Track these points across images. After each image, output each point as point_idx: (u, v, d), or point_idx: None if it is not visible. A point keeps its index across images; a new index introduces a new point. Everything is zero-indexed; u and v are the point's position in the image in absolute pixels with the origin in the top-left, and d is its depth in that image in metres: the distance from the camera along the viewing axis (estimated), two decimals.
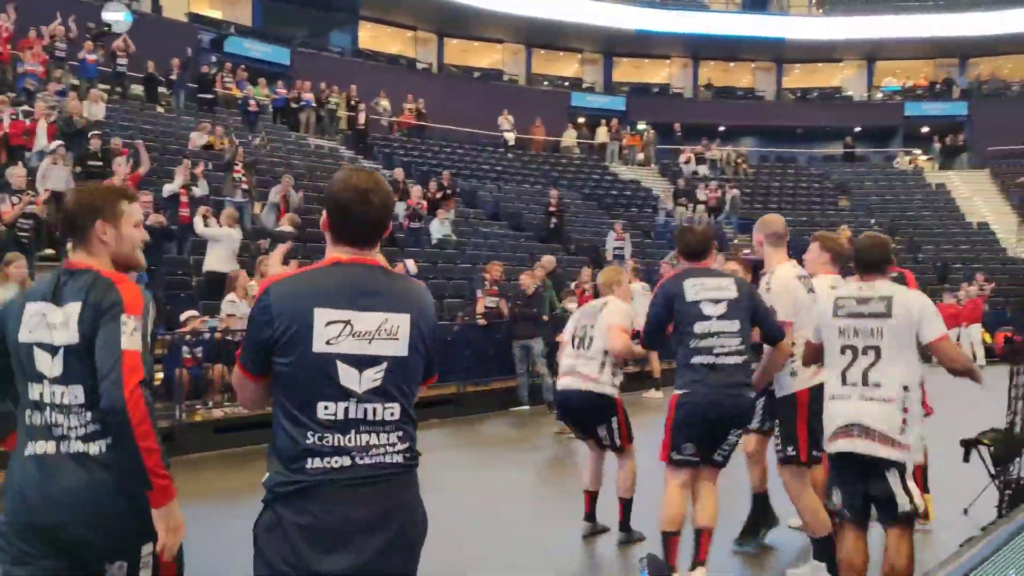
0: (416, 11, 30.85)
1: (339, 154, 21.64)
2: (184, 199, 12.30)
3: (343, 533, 2.24)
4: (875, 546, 4.05)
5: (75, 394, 2.52)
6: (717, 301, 4.48)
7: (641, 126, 31.33)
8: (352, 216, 2.35)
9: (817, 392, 4.36)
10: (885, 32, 32.23)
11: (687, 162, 28.27)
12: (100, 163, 12.25)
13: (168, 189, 12.53)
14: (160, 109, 19.41)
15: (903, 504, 3.76)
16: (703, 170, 28.13)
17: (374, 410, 2.30)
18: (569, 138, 29.17)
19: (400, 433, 2.34)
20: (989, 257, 23.60)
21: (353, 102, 23.51)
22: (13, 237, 8.71)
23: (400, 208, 16.71)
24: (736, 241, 23.94)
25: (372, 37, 31.62)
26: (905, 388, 3.88)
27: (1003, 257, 23.50)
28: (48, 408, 2.53)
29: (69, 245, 3.00)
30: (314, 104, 22.88)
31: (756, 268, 5.27)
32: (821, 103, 34.37)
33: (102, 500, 2.51)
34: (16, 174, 10.01)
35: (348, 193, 2.35)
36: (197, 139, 16.21)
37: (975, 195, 27.84)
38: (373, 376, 2.29)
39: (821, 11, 34.62)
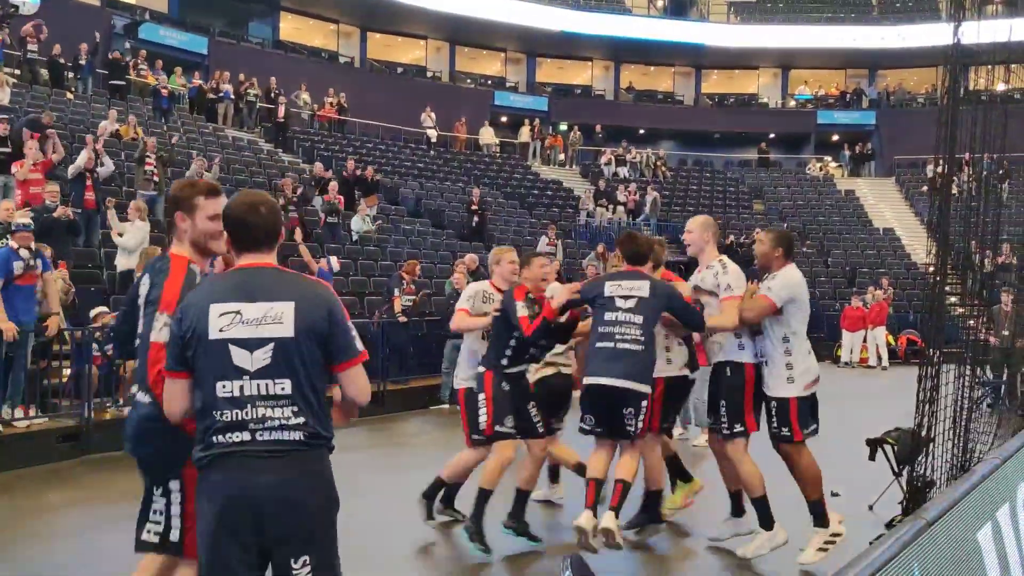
0: (339, 4, 30.47)
1: (258, 147, 21.25)
2: (89, 182, 11.90)
3: (248, 497, 2.61)
4: None
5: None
6: (627, 297, 5.10)
7: (563, 127, 31.57)
8: (245, 225, 2.78)
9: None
10: (799, 42, 33.20)
11: (608, 163, 28.61)
12: (8, 149, 11.76)
13: (73, 169, 12.11)
14: (69, 95, 18.74)
15: None
16: (623, 172, 28.52)
17: (267, 386, 2.65)
18: (488, 136, 29.18)
19: (295, 408, 2.66)
20: (894, 262, 24.49)
21: (273, 94, 23.07)
22: None
23: (317, 203, 16.50)
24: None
25: (294, 29, 31.10)
26: None
27: (907, 262, 24.41)
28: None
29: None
30: (232, 96, 22.39)
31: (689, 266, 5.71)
32: (738, 109, 35.18)
33: None
34: None
35: (240, 208, 2.80)
36: (107, 127, 15.70)
37: (881, 202, 28.87)
38: (263, 356, 2.65)
39: (739, 19, 35.47)
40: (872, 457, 6.32)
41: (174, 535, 3.12)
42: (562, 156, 29.91)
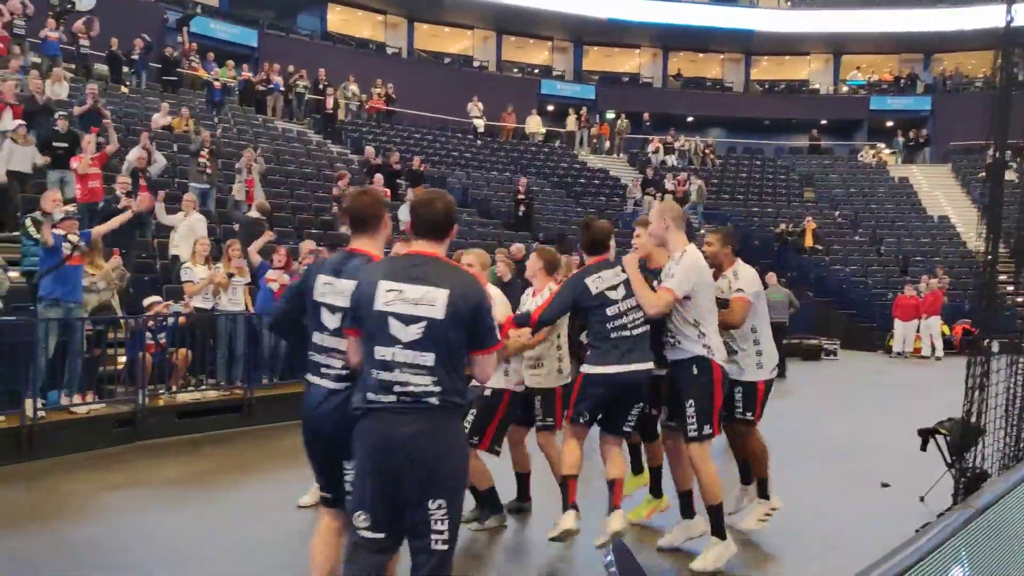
0: None
1: (307, 138, 21.47)
2: (143, 181, 12.12)
3: (390, 444, 3.08)
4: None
5: (341, 342, 3.46)
6: (615, 287, 4.95)
7: (610, 115, 31.39)
8: (421, 216, 3.30)
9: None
10: (851, 26, 32.59)
11: (655, 152, 28.39)
12: (66, 144, 12.01)
13: (126, 168, 12.34)
14: (124, 89, 19.10)
15: None
16: (671, 160, 28.28)
17: (413, 356, 3.10)
18: (534, 125, 29.11)
19: (435, 378, 3.10)
20: (949, 251, 23.96)
21: (321, 86, 23.28)
22: None
23: None
24: (702, 232, 24.14)
25: (341, 20, 31.32)
26: None
27: (963, 251, 23.85)
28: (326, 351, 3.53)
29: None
30: (282, 88, 22.64)
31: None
32: (788, 95, 34.63)
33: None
34: None
35: (420, 201, 3.34)
36: (159, 120, 15.98)
37: (936, 189, 28.23)
38: (415, 331, 3.11)
39: (789, 4, 34.90)
40: (924, 448, 6.23)
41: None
42: (609, 144, 29.76)
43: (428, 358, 3.11)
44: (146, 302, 9.14)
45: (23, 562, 4.93)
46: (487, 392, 5.35)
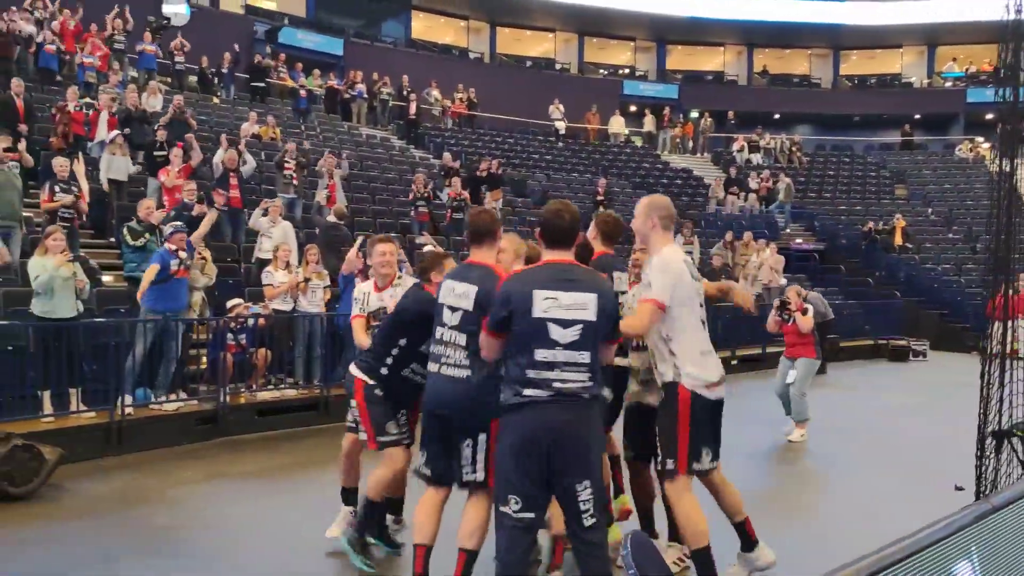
0: (468, 0, 30.98)
1: (390, 143, 21.90)
2: (233, 180, 12.57)
3: (544, 433, 3.49)
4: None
5: (463, 337, 3.97)
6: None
7: (694, 114, 31.08)
8: (552, 226, 3.73)
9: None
10: (946, 16, 31.41)
11: (740, 150, 27.99)
12: (164, 153, 12.56)
13: (216, 166, 12.86)
14: (216, 100, 19.85)
15: None
16: (756, 158, 27.83)
17: (572, 356, 3.52)
18: (617, 126, 29.02)
19: (589, 374, 3.55)
20: None
21: (405, 92, 23.74)
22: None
23: (445, 196, 16.86)
24: (788, 230, 23.71)
25: (425, 27, 31.85)
26: None
27: None
28: (446, 344, 4.05)
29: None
30: (366, 95, 23.17)
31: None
32: (879, 90, 33.73)
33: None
34: (60, 164, 10.32)
35: (550, 212, 3.78)
36: (248, 128, 16.56)
37: None
38: (572, 333, 3.52)
39: None
40: (998, 450, 6.04)
41: (479, 476, 3.94)
42: (692, 144, 29.47)
43: (585, 356, 3.53)
44: (229, 304, 9.52)
45: (100, 548, 5.26)
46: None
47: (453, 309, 4.00)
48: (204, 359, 9.14)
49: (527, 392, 3.50)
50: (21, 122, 12.21)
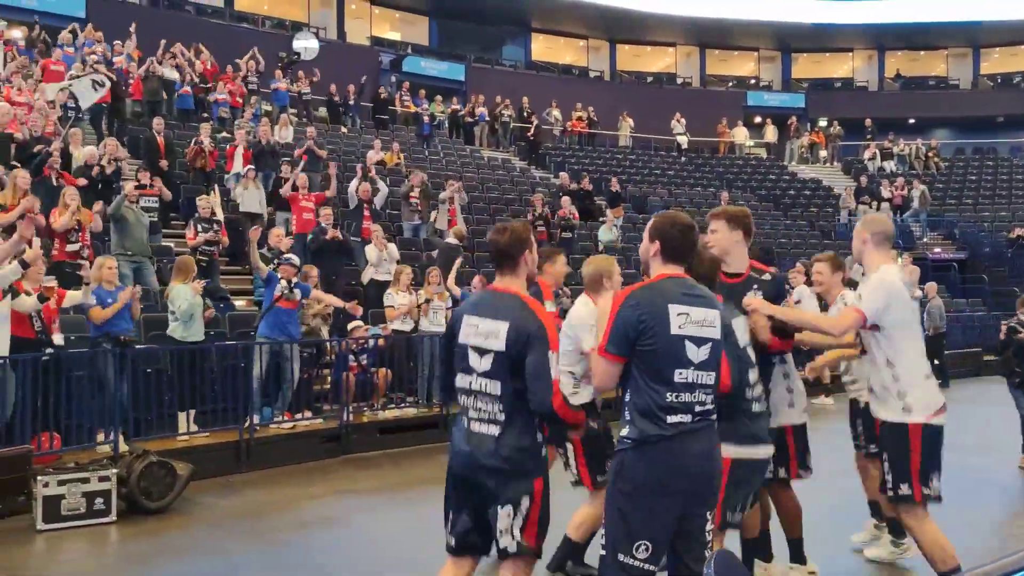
0: (586, 19, 31.10)
1: (511, 165, 22.18)
2: (367, 212, 13.02)
3: (687, 465, 3.18)
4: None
5: (496, 385, 3.35)
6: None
7: (822, 123, 30.16)
8: (668, 239, 3.34)
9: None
10: None
11: (872, 158, 26.97)
12: (294, 188, 13.14)
13: (352, 194, 13.51)
14: (344, 130, 20.61)
15: None
16: (889, 166, 26.74)
17: (703, 376, 3.23)
18: (741, 137, 28.45)
19: (713, 396, 3.26)
20: None
21: (525, 113, 24.02)
22: (196, 260, 9.55)
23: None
24: (925, 239, 22.64)
25: (545, 48, 32.15)
26: None
27: None
28: (476, 395, 3.40)
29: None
30: (487, 117, 23.56)
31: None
32: None
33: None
34: (203, 204, 10.96)
35: (663, 224, 3.38)
36: (373, 156, 17.10)
37: None
38: (704, 352, 3.23)
39: None
40: None
41: (519, 543, 3.32)
42: (824, 153, 28.59)
43: (712, 376, 3.26)
44: (350, 327, 9.83)
45: (228, 559, 5.54)
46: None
47: (481, 352, 3.36)
48: (328, 379, 9.46)
49: (672, 419, 3.15)
50: (162, 158, 13.03)
